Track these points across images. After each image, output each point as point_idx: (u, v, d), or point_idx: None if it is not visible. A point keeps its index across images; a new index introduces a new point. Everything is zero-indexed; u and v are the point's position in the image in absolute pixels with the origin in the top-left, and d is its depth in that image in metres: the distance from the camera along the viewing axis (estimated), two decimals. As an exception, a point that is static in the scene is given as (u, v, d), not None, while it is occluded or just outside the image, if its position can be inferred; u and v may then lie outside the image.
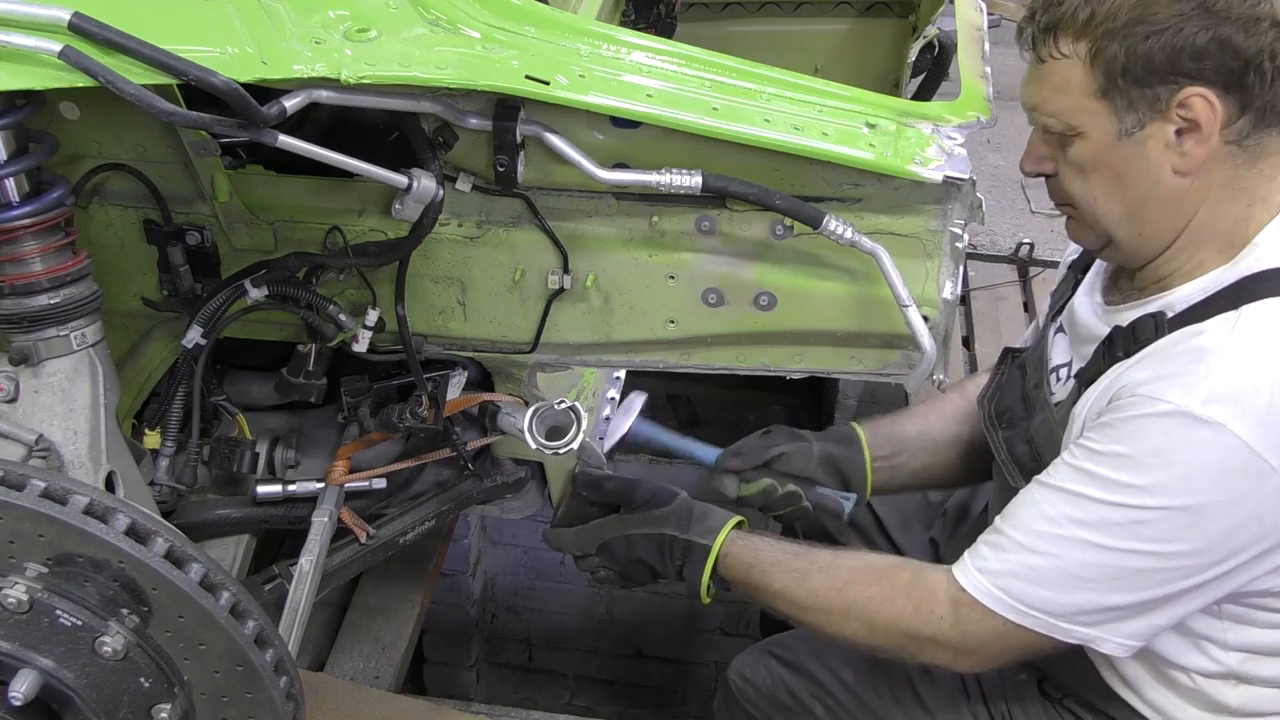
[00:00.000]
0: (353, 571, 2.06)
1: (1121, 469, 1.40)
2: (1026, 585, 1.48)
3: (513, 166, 1.59)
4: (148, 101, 1.28)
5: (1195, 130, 1.39)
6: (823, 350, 1.78)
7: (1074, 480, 1.45)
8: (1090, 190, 1.49)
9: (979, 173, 1.56)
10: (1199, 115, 1.37)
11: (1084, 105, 1.43)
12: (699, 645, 3.95)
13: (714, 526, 1.74)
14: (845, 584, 1.64)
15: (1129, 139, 1.42)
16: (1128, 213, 1.47)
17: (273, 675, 1.48)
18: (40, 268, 1.50)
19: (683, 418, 3.96)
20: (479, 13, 1.52)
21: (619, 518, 1.80)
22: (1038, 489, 1.50)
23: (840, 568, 1.66)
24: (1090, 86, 1.41)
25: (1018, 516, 1.51)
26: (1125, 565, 1.42)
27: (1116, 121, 1.41)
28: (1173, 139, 1.40)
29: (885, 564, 1.67)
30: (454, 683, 3.90)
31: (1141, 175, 1.43)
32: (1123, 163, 1.44)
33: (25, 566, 1.37)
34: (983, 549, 1.54)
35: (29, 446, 1.51)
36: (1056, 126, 1.47)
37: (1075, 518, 1.44)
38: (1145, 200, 1.45)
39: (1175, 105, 1.38)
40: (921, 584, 1.59)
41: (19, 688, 1.36)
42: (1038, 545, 1.47)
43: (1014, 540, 1.49)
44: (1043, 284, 3.51)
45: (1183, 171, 1.42)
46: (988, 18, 2.09)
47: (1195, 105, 1.37)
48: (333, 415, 2.02)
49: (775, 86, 1.59)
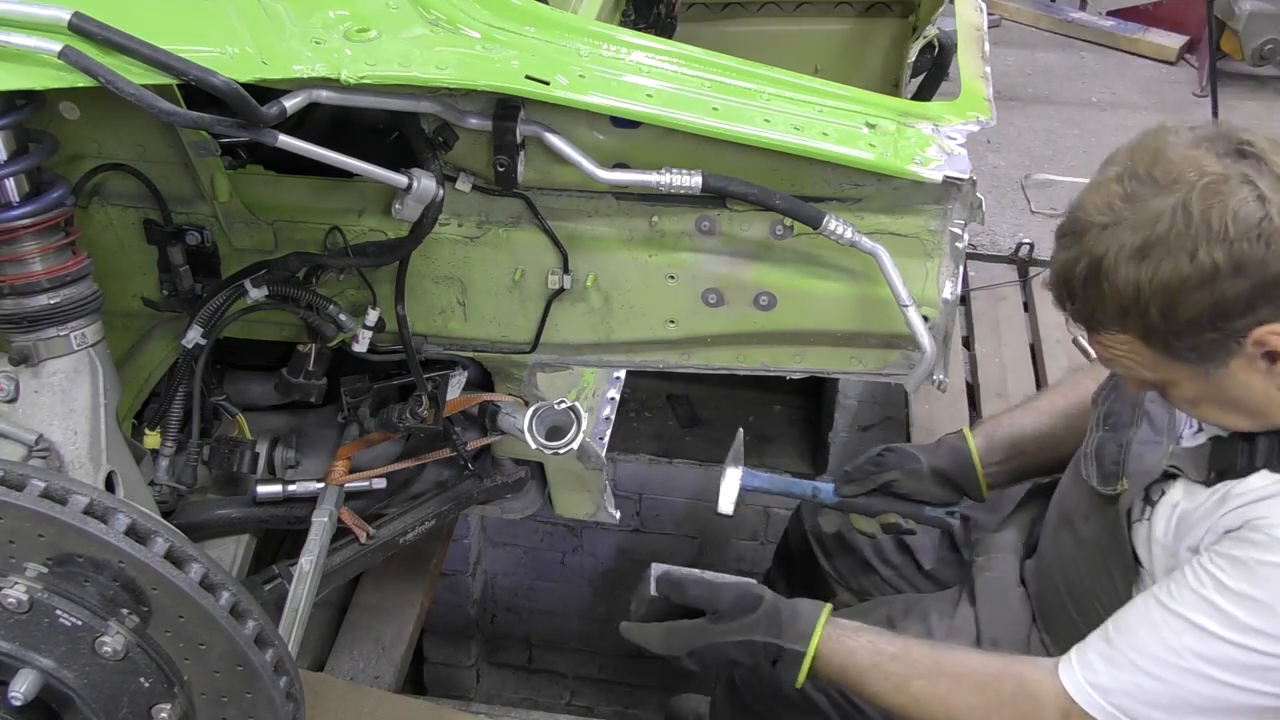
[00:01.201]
0: (353, 571, 2.06)
1: (1254, 614, 1.37)
2: (1140, 706, 1.44)
3: (513, 166, 1.59)
4: (148, 101, 1.28)
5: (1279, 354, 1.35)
6: (823, 350, 1.78)
7: (1201, 613, 1.41)
8: (1204, 412, 1.48)
9: (979, 173, 1.56)
10: (1275, 346, 1.33)
11: (1159, 367, 1.40)
12: (699, 645, 3.95)
13: (805, 631, 1.66)
14: (948, 693, 1.59)
15: (1219, 374, 1.38)
16: (1250, 416, 1.44)
17: (273, 675, 1.48)
18: (40, 268, 1.50)
19: (683, 418, 3.96)
20: (479, 13, 1.52)
21: (707, 626, 1.70)
22: (1158, 611, 1.45)
23: (941, 675, 1.61)
24: (1156, 356, 1.39)
25: (1135, 635, 1.46)
26: (1242, 701, 1.40)
27: (1199, 368, 1.38)
28: (1262, 365, 1.36)
29: (990, 672, 1.61)
30: (454, 683, 3.90)
31: (1249, 394, 1.40)
32: (1225, 390, 1.41)
33: (25, 566, 1.37)
34: (1094, 660, 1.49)
35: (29, 446, 1.51)
36: (1147, 386, 1.47)
37: (1200, 653, 1.40)
38: (1267, 408, 1.42)
39: (1250, 345, 1.34)
40: (1027, 695, 1.54)
41: (19, 688, 1.36)
42: (1157, 671, 1.43)
43: (1130, 660, 1.45)
44: (1043, 284, 3.51)
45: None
46: (988, 18, 2.09)
47: (1271, 341, 1.33)
48: (333, 415, 2.02)
49: (775, 86, 1.59)
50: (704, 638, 1.69)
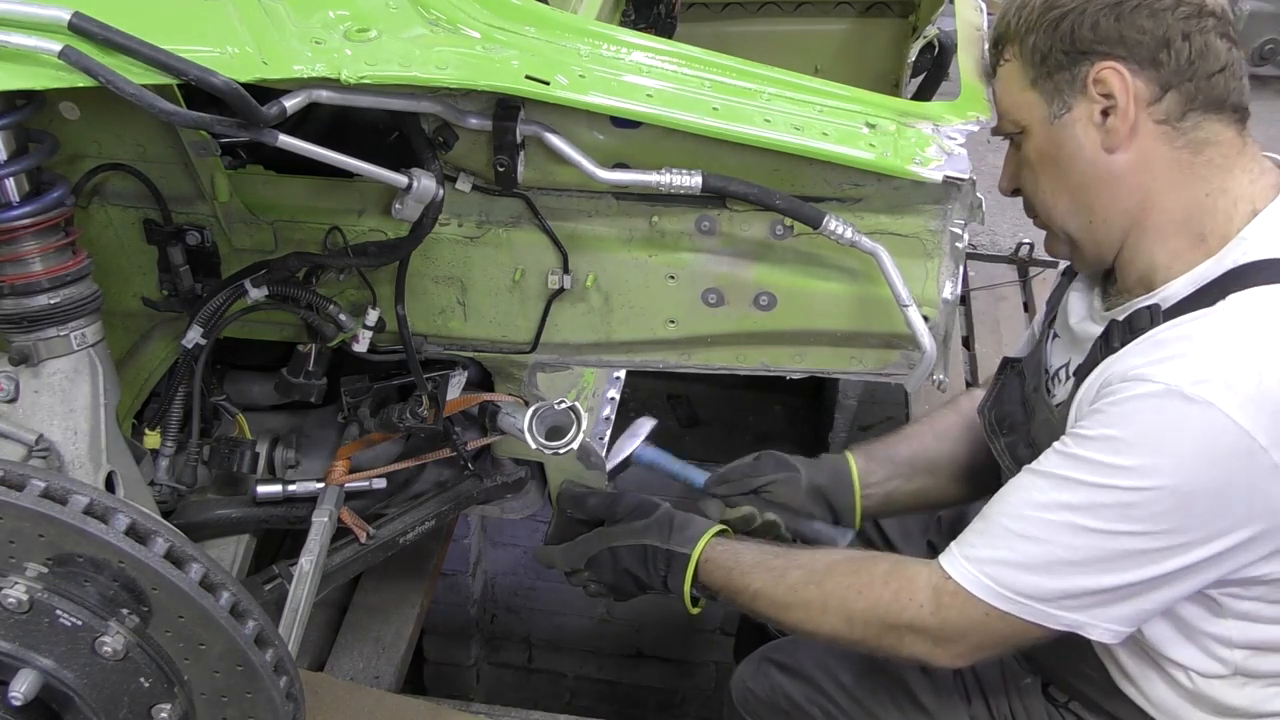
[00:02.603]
0: (353, 571, 2.06)
1: (1111, 451, 1.40)
2: (1014, 571, 1.47)
3: (513, 166, 1.59)
4: (148, 101, 1.28)
5: (1115, 106, 1.45)
6: (823, 350, 1.78)
7: (1064, 465, 1.45)
8: (1040, 187, 1.56)
9: (979, 173, 1.56)
10: (1114, 89, 1.44)
11: (1022, 100, 1.52)
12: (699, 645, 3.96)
13: (694, 535, 1.74)
14: (823, 576, 1.63)
15: (1059, 122, 1.49)
16: (1073, 202, 1.53)
17: (273, 675, 1.48)
18: (40, 268, 1.50)
19: (683, 418, 3.96)
20: (479, 13, 1.52)
21: (602, 531, 1.80)
22: (1027, 476, 1.50)
23: (819, 562, 1.66)
24: (1024, 80, 1.51)
25: (1007, 503, 1.51)
26: (1114, 547, 1.42)
27: (1048, 108, 1.49)
28: (1098, 118, 1.46)
29: (864, 555, 1.67)
30: (454, 683, 3.90)
31: (1076, 157, 1.49)
32: (1058, 148, 1.50)
33: (25, 566, 1.37)
34: (970, 536, 1.53)
35: (29, 446, 1.51)
36: (1008, 128, 1.57)
37: (1064, 502, 1.43)
38: (1085, 184, 1.50)
39: (1091, 82, 1.45)
40: (901, 572, 1.58)
41: (19, 688, 1.36)
42: (1026, 530, 1.46)
43: (1002, 526, 1.49)
44: (1042, 284, 3.51)
45: (1111, 148, 1.47)
46: (988, 18, 2.09)
47: (1109, 80, 1.44)
48: (333, 415, 2.02)
49: (775, 86, 1.59)
50: (599, 543, 1.78)
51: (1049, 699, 1.78)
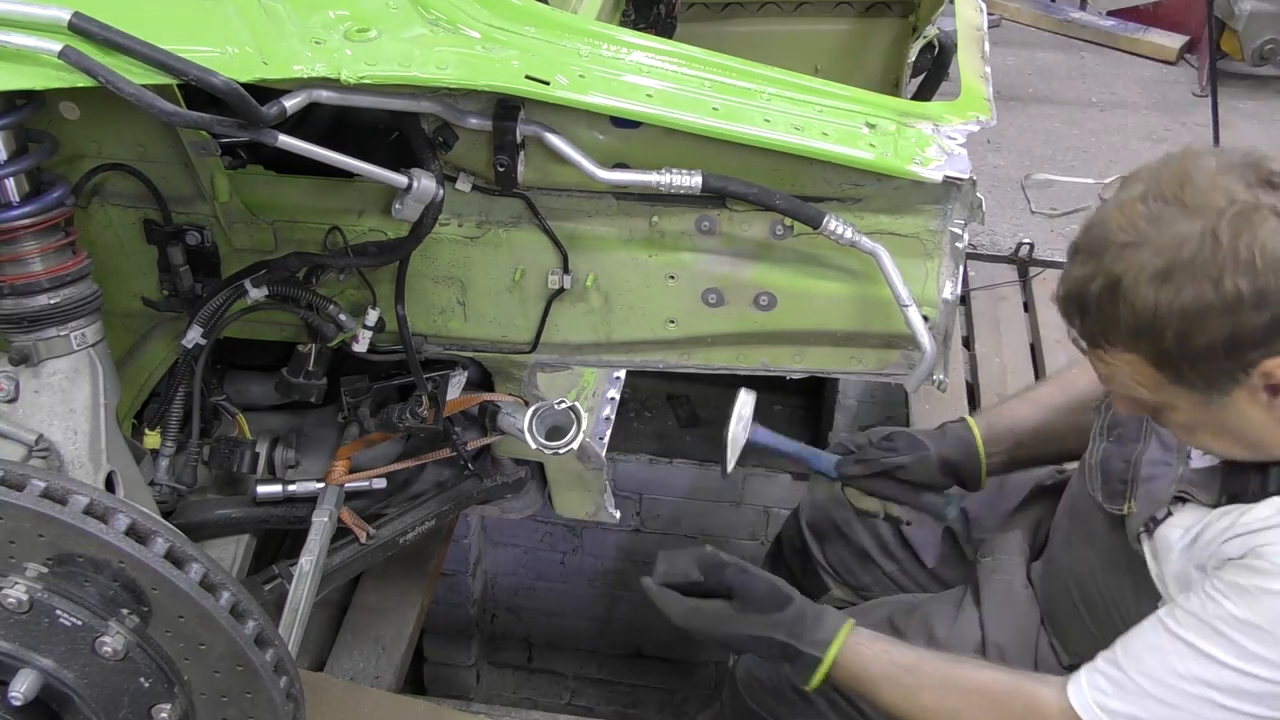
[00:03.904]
0: (353, 571, 2.06)
1: (1256, 641, 1.37)
2: None
3: (513, 166, 1.59)
4: (148, 101, 1.28)
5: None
6: (823, 350, 1.78)
7: (1207, 640, 1.41)
8: (1199, 440, 1.48)
9: (979, 173, 1.56)
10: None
11: (1161, 390, 1.39)
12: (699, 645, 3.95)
13: (825, 638, 1.67)
14: (959, 706, 1.60)
15: (1219, 403, 1.38)
16: (1246, 446, 1.44)
17: (273, 675, 1.48)
18: (40, 268, 1.50)
19: (683, 418, 3.96)
20: (479, 13, 1.52)
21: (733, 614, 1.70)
22: (1165, 637, 1.45)
23: (952, 689, 1.62)
24: (1162, 379, 1.38)
25: (1144, 661, 1.46)
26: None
27: (1200, 395, 1.37)
28: (1264, 398, 1.35)
29: (999, 689, 1.61)
30: (454, 683, 3.90)
31: (1247, 424, 1.40)
32: (1223, 419, 1.40)
33: (25, 566, 1.37)
34: (1102, 682, 1.49)
35: (29, 446, 1.51)
36: (1145, 409, 1.46)
37: (1206, 679, 1.41)
38: (1261, 440, 1.42)
39: (1256, 377, 1.33)
40: (1036, 713, 1.54)
41: (19, 688, 1.36)
42: (1163, 696, 1.43)
43: (1138, 685, 1.45)
44: (1042, 284, 3.51)
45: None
46: (988, 18, 2.10)
47: (1275, 373, 1.32)
48: (333, 415, 2.02)
49: (775, 86, 1.59)
50: (727, 625, 1.70)
51: None
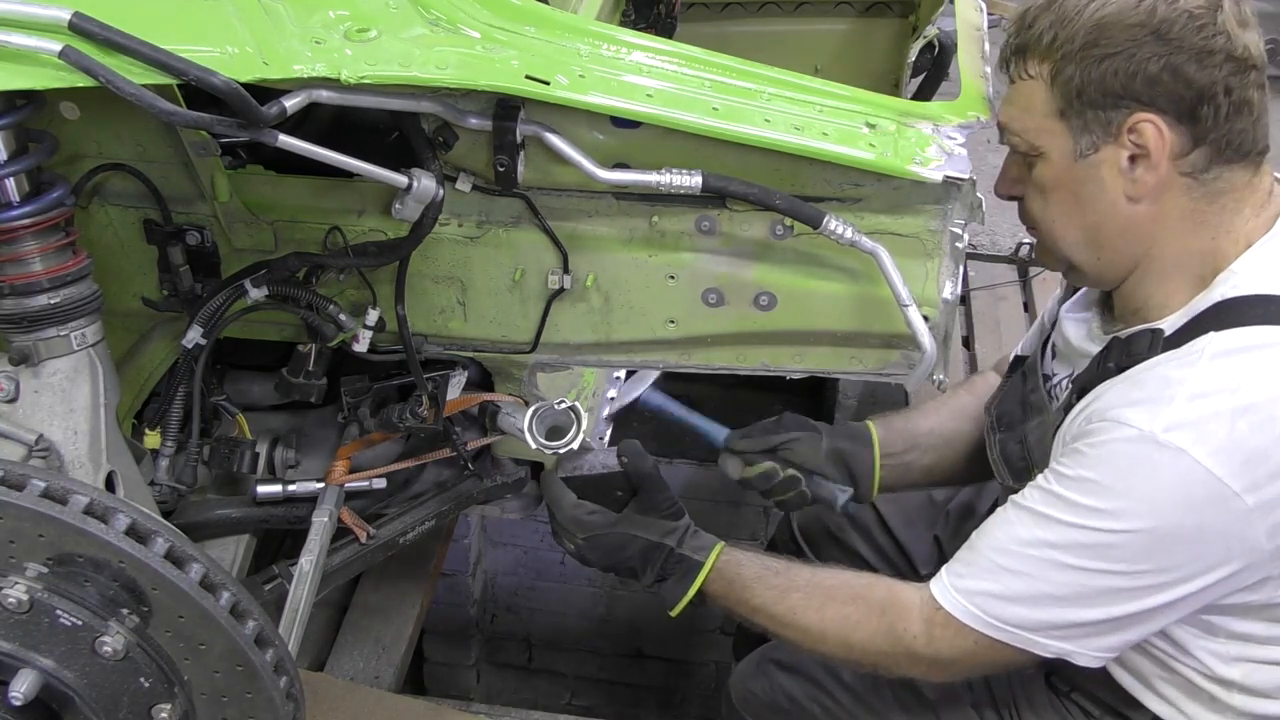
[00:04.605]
0: (353, 571, 2.06)
1: (1088, 494, 1.43)
2: (1001, 603, 1.52)
3: (513, 166, 1.59)
4: (148, 101, 1.28)
5: (1145, 157, 1.41)
6: (823, 350, 1.78)
7: (1045, 503, 1.48)
8: (1049, 212, 1.52)
9: (979, 173, 1.56)
10: (1148, 142, 1.40)
11: (1045, 125, 1.46)
12: (699, 645, 3.95)
13: (706, 544, 1.79)
14: (822, 603, 1.67)
15: (1084, 161, 1.45)
16: (1084, 236, 1.50)
17: (273, 675, 1.48)
18: (40, 268, 1.50)
19: (682, 418, 3.96)
20: (479, 13, 1.52)
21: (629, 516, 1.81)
22: (1013, 510, 1.53)
23: (818, 586, 1.70)
24: (1051, 107, 1.45)
25: (993, 536, 1.54)
26: (1095, 584, 1.45)
27: (1073, 142, 1.44)
28: (1125, 165, 1.42)
29: (861, 583, 1.69)
30: (454, 683, 3.90)
31: (1096, 199, 1.46)
32: (1079, 185, 1.47)
33: (25, 566, 1.37)
34: (958, 566, 1.57)
35: (29, 446, 1.51)
36: (1022, 146, 1.51)
37: (1046, 540, 1.47)
38: (1100, 225, 1.48)
39: (1126, 130, 1.40)
40: (896, 603, 1.62)
41: (19, 688, 1.36)
42: (1011, 565, 1.50)
43: (989, 559, 1.53)
44: (1043, 284, 3.51)
45: (1135, 198, 1.44)
46: (988, 18, 2.09)
47: (1145, 131, 1.39)
48: (333, 415, 2.02)
49: (775, 86, 1.59)
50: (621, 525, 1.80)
51: (1051, 688, 1.79)
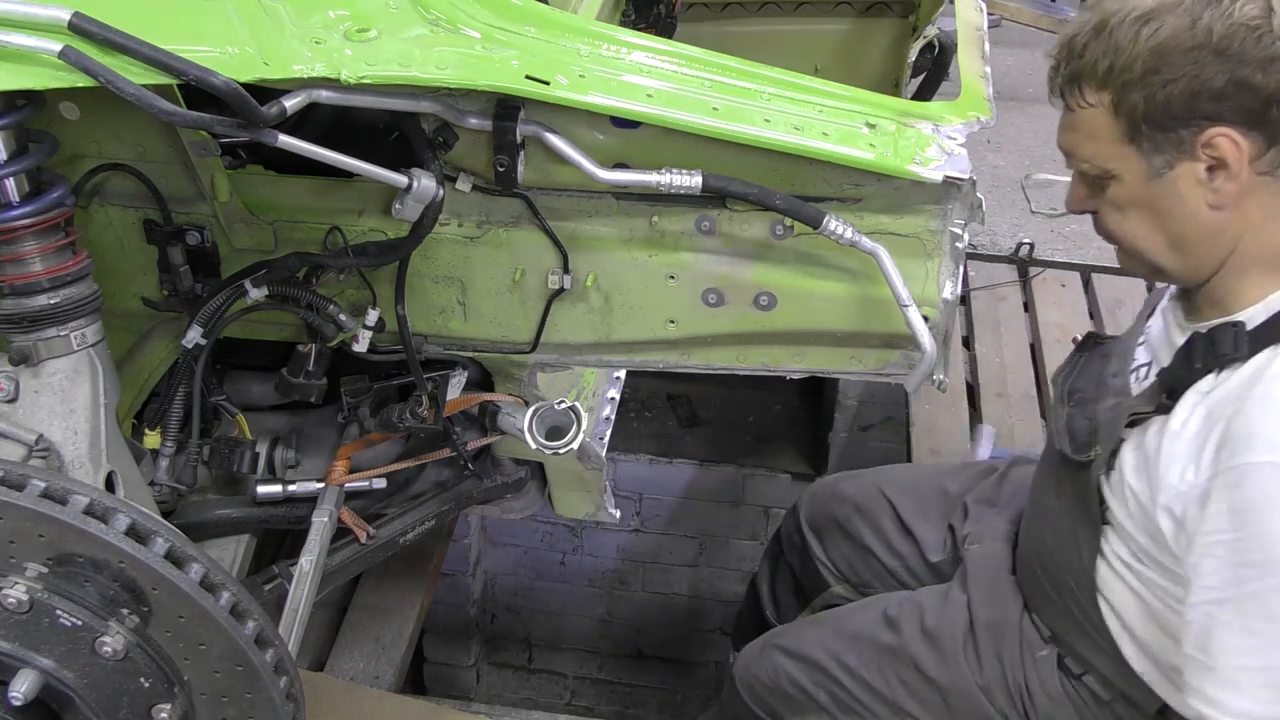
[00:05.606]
0: (353, 571, 2.06)
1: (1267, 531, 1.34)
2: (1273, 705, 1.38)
3: (513, 166, 1.59)
4: (148, 101, 1.28)
5: (1224, 167, 1.40)
6: (823, 350, 1.78)
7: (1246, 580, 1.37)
8: (1128, 227, 1.52)
9: (979, 173, 1.56)
10: (1225, 154, 1.39)
11: (1114, 151, 1.46)
12: (699, 645, 3.96)
13: None
14: None
15: (1160, 179, 1.44)
16: (1168, 244, 1.50)
17: (273, 675, 1.48)
18: (40, 268, 1.50)
19: (682, 418, 3.96)
20: (479, 13, 1.52)
21: None
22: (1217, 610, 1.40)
23: None
24: (1117, 132, 1.44)
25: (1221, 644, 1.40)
26: None
27: (1146, 163, 1.44)
28: (1203, 176, 1.42)
29: None
30: (454, 683, 3.90)
31: (1177, 211, 1.46)
32: (1157, 201, 1.46)
33: (25, 566, 1.37)
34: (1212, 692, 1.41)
35: (29, 446, 1.51)
36: (1091, 171, 1.51)
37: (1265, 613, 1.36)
38: (1183, 234, 1.47)
39: (1200, 146, 1.40)
40: None
41: (19, 688, 1.36)
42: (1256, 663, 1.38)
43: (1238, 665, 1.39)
44: (1043, 284, 3.51)
45: (1217, 206, 1.44)
46: (988, 18, 2.09)
47: (1221, 145, 1.39)
48: (333, 415, 2.02)
49: (775, 86, 1.59)
50: None
51: (1064, 670, 1.78)
